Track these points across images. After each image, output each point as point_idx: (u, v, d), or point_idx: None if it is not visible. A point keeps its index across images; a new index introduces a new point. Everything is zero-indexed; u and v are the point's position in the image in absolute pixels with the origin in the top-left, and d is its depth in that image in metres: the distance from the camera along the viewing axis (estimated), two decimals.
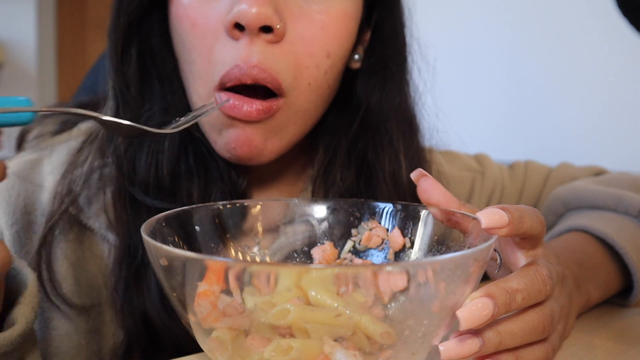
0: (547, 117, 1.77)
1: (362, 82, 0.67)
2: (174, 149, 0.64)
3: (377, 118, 0.66)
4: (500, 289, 0.43)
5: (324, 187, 0.67)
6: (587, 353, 0.54)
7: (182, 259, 0.40)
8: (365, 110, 0.66)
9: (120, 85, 0.63)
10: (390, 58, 0.67)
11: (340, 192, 0.66)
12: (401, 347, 0.42)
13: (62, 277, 0.64)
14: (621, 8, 0.59)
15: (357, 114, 0.66)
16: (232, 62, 0.57)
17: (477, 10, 1.89)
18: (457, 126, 0.79)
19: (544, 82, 1.79)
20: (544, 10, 1.77)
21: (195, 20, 0.59)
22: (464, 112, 1.79)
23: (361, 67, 0.67)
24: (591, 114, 1.70)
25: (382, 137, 0.66)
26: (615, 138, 1.66)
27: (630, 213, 0.69)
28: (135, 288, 0.62)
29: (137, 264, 0.62)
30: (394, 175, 0.66)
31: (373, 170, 0.66)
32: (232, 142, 0.59)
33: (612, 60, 1.65)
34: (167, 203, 0.61)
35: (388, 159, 0.66)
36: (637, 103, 1.63)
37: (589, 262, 0.63)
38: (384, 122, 0.66)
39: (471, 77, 1.89)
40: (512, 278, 0.44)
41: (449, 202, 0.50)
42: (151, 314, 0.62)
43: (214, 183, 0.64)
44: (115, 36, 0.63)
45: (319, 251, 0.55)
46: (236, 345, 0.41)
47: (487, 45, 1.87)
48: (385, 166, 0.65)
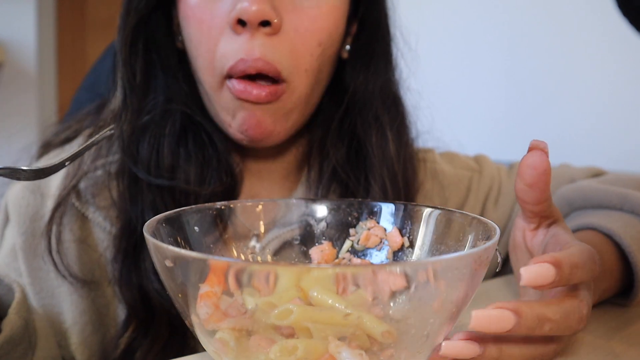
0: (546, 118, 1.77)
1: (350, 67, 0.75)
2: (175, 133, 0.70)
3: (362, 97, 0.74)
4: (532, 312, 0.42)
5: (319, 162, 0.74)
6: (586, 353, 0.54)
7: (183, 258, 0.40)
8: (352, 92, 0.74)
9: (129, 76, 0.70)
10: (374, 45, 0.74)
11: (333, 165, 0.73)
12: (402, 347, 0.42)
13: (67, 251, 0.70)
14: (621, 8, 0.59)
15: (345, 96, 0.74)
16: (236, 55, 0.64)
17: (475, 11, 1.88)
18: (456, 126, 0.79)
19: (542, 83, 1.79)
20: (542, 10, 1.77)
21: (202, 19, 0.66)
22: (463, 112, 1.79)
23: (349, 55, 0.75)
24: (590, 114, 1.70)
25: (367, 113, 0.73)
26: (615, 138, 1.66)
27: (636, 212, 0.69)
28: (133, 260, 0.68)
29: (136, 237, 0.68)
30: (381, 147, 0.73)
31: (362, 144, 0.73)
32: (244, 125, 0.67)
33: (612, 61, 1.65)
34: (166, 180, 0.68)
35: (375, 133, 0.73)
36: (637, 103, 1.63)
37: (601, 269, 0.63)
38: (370, 101, 0.73)
39: (470, 77, 1.89)
40: (550, 306, 0.44)
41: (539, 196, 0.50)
42: (147, 287, 0.67)
43: (211, 165, 0.71)
44: (124, 32, 0.70)
45: (317, 251, 0.55)
46: (240, 347, 0.41)
47: (485, 46, 1.87)
48: (372, 139, 0.73)
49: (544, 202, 0.51)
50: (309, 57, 0.67)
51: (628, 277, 0.66)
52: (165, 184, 0.68)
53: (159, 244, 0.42)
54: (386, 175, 0.72)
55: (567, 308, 0.44)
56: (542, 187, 0.49)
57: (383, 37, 0.75)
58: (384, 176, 0.72)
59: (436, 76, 0.80)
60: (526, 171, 0.50)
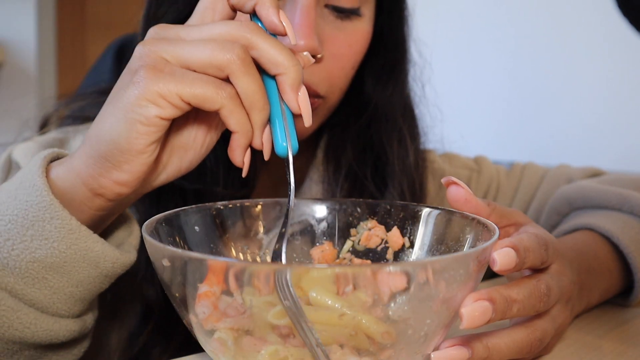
0: (547, 118, 1.78)
1: (371, 80, 0.77)
2: None
3: (384, 110, 0.76)
4: (501, 295, 0.44)
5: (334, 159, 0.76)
6: (586, 353, 0.54)
7: (183, 258, 0.40)
8: (374, 104, 0.76)
9: None
10: (395, 59, 0.77)
11: (349, 162, 0.75)
12: (402, 347, 0.42)
13: None
14: (621, 8, 0.59)
15: (364, 106, 0.77)
16: None
17: (478, 13, 1.89)
18: (458, 127, 0.80)
19: (544, 84, 1.79)
20: (543, 12, 1.77)
21: None
22: (464, 113, 1.79)
23: (370, 68, 0.77)
24: (591, 115, 1.70)
25: (388, 124, 0.76)
26: (615, 139, 1.66)
27: (635, 213, 0.69)
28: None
29: None
30: (401, 158, 0.75)
31: (383, 153, 0.76)
32: None
33: (612, 61, 1.65)
34: (196, 184, 0.67)
35: (396, 143, 0.76)
36: (637, 104, 1.63)
37: (597, 268, 0.63)
38: (391, 113, 0.76)
39: (472, 78, 1.90)
40: (512, 287, 0.46)
41: (478, 210, 0.50)
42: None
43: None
44: None
45: (317, 251, 0.55)
46: (238, 347, 0.41)
47: (487, 48, 1.87)
48: (393, 149, 0.75)
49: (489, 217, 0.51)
50: (345, 78, 0.71)
51: (627, 277, 0.67)
52: (195, 187, 0.68)
53: (156, 244, 0.41)
54: (405, 183, 0.75)
55: (527, 287, 0.46)
56: (473, 210, 0.50)
57: (403, 52, 0.78)
58: (403, 184, 0.75)
59: (439, 77, 0.80)
60: (453, 206, 0.51)
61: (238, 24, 0.46)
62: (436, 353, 0.44)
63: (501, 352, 0.46)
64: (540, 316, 0.49)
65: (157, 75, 0.44)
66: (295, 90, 0.47)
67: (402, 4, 0.76)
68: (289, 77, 0.46)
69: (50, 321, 0.50)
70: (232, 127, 0.46)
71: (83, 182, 0.48)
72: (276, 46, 0.46)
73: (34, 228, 0.47)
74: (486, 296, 0.43)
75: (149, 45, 0.45)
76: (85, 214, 0.49)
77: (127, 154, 0.45)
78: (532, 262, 0.47)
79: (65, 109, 0.80)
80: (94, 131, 0.47)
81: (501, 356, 0.46)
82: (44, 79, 2.24)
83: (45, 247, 0.47)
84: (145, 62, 0.45)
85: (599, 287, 0.63)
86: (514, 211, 0.53)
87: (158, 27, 0.48)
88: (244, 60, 0.45)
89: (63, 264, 0.48)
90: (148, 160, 0.46)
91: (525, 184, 0.88)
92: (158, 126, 0.45)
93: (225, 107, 0.45)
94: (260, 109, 0.46)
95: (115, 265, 0.50)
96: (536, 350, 0.48)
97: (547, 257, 0.49)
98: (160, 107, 0.44)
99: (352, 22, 0.69)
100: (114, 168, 0.46)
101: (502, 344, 0.46)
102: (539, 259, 0.48)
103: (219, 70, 0.45)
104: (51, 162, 0.51)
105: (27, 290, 0.48)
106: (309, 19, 0.63)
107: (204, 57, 0.44)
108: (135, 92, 0.44)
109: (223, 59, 0.44)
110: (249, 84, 0.45)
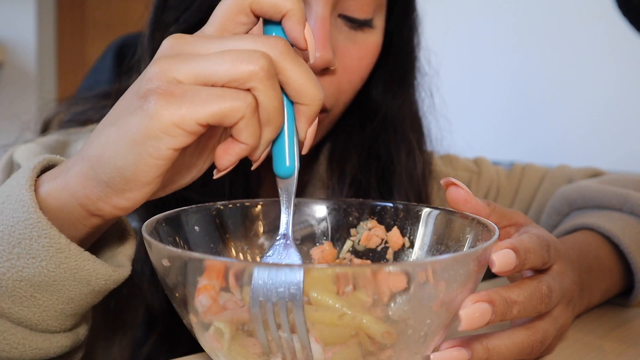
0: (548, 119, 1.78)
1: (380, 90, 0.76)
2: None
3: (392, 120, 0.75)
4: (501, 297, 0.44)
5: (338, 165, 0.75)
6: (586, 353, 0.54)
7: (183, 258, 0.40)
8: (383, 114, 0.75)
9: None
10: (404, 70, 0.77)
11: (354, 170, 0.74)
12: (402, 347, 0.42)
13: None
14: (621, 8, 0.60)
15: (370, 114, 0.76)
16: None
17: (479, 14, 1.89)
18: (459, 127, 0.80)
19: (544, 84, 1.79)
20: (544, 13, 1.77)
21: None
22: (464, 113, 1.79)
23: (376, 76, 0.75)
24: (591, 115, 1.70)
25: (397, 134, 0.76)
26: (616, 139, 1.66)
27: (636, 213, 0.69)
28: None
29: None
30: (409, 168, 0.75)
31: (389, 161, 0.75)
32: None
33: (612, 62, 1.65)
34: (198, 195, 0.63)
35: (404, 152, 0.75)
36: (638, 104, 1.63)
37: (597, 268, 0.63)
38: (400, 123, 0.75)
39: (473, 79, 1.90)
40: (513, 289, 0.45)
41: (477, 211, 0.50)
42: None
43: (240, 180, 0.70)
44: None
45: (317, 251, 0.55)
46: (235, 342, 0.41)
47: (487, 48, 1.87)
48: (401, 159, 0.75)
49: (489, 217, 0.51)
50: (352, 92, 0.69)
51: (628, 277, 0.67)
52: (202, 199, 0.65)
53: (156, 244, 0.41)
54: (411, 194, 0.74)
55: (528, 288, 0.46)
56: (473, 211, 0.50)
57: (412, 61, 0.77)
58: (409, 195, 0.74)
59: (441, 79, 0.80)
60: (453, 207, 0.51)
61: (265, 40, 0.42)
62: (436, 354, 0.44)
63: (501, 354, 0.46)
64: (542, 317, 0.49)
65: (169, 101, 0.40)
66: (311, 122, 0.44)
67: (412, 13, 0.76)
68: (310, 109, 0.43)
69: (39, 339, 0.47)
70: (243, 139, 0.41)
71: (79, 203, 0.44)
72: (305, 75, 0.42)
73: (20, 246, 0.44)
74: (486, 298, 0.43)
75: (161, 64, 0.41)
76: (79, 232, 0.46)
77: (132, 184, 0.42)
78: (533, 263, 0.47)
79: (66, 112, 0.79)
80: (95, 152, 0.43)
81: (501, 358, 0.46)
82: (44, 79, 2.24)
83: (33, 265, 0.44)
84: (156, 86, 0.40)
85: (599, 288, 0.63)
86: (514, 211, 0.53)
87: (174, 39, 0.43)
88: (268, 73, 0.40)
89: (52, 282, 0.45)
90: (153, 189, 0.43)
91: (525, 184, 0.88)
92: (170, 158, 0.41)
93: (244, 120, 0.41)
94: (275, 128, 0.42)
95: (108, 282, 0.47)
96: (537, 352, 0.48)
97: (549, 258, 0.48)
98: (174, 137, 0.40)
99: (365, 33, 0.68)
100: (115, 195, 0.43)
101: (503, 346, 0.46)
102: (540, 260, 0.47)
103: (241, 84, 0.40)
104: (43, 172, 0.48)
105: (15, 309, 0.46)
106: (325, 30, 0.61)
107: (222, 70, 0.40)
108: (145, 122, 0.40)
109: (245, 70, 0.40)
110: (272, 99, 0.41)
